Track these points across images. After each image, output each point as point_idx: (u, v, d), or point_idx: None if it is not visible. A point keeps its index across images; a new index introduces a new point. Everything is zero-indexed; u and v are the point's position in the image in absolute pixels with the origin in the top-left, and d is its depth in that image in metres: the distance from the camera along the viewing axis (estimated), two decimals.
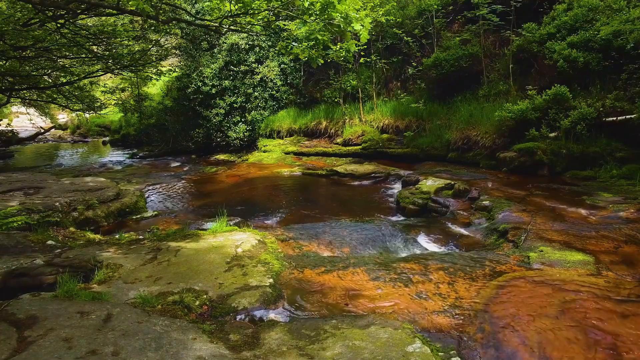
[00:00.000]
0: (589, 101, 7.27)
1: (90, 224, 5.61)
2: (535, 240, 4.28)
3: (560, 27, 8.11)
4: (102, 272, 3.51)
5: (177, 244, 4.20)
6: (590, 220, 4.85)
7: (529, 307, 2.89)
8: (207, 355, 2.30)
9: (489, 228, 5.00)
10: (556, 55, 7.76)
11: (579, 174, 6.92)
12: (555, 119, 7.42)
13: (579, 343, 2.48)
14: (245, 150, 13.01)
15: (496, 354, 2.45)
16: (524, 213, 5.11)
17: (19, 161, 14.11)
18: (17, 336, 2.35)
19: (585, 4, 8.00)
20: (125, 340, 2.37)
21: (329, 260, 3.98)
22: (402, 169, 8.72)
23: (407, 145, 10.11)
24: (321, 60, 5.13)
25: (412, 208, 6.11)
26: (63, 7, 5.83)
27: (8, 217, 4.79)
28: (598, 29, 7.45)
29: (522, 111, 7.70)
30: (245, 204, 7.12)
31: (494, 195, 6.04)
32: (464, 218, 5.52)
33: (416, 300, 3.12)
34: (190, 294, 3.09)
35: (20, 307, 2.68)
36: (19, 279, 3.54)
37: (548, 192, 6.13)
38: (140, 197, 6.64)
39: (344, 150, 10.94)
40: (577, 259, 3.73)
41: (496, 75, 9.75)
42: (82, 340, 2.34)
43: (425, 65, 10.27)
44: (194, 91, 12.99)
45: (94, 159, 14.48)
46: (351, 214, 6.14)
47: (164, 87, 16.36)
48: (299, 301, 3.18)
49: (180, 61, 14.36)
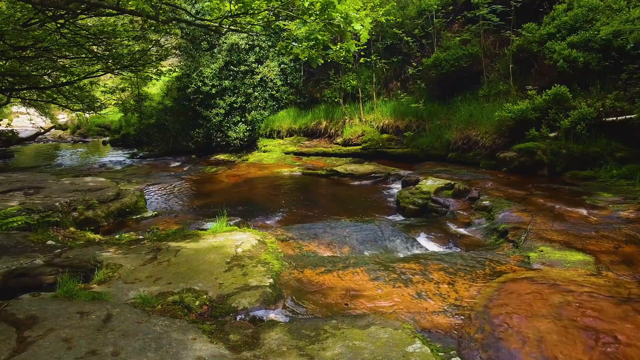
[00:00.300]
0: (589, 101, 7.26)
1: (90, 224, 5.61)
2: (535, 240, 4.28)
3: (560, 27, 8.11)
4: (102, 272, 3.50)
5: (177, 244, 4.20)
6: (590, 220, 4.85)
7: (529, 307, 2.88)
8: (207, 355, 2.30)
9: (489, 228, 4.99)
10: (556, 55, 7.76)
11: (579, 174, 6.91)
12: (555, 119, 7.42)
13: (578, 343, 2.47)
14: (245, 150, 13.01)
15: (496, 354, 2.45)
16: (524, 213, 5.11)
17: (19, 161, 14.11)
18: (16, 336, 2.35)
19: (585, 4, 8.00)
20: (125, 340, 2.37)
21: (329, 260, 3.97)
22: (402, 169, 8.72)
23: (407, 145, 10.11)
24: (321, 60, 5.13)
25: (412, 208, 6.11)
26: (63, 7, 5.83)
27: (8, 217, 4.79)
28: (598, 29, 7.45)
29: (522, 111, 7.70)
30: (245, 204, 7.12)
31: (493, 195, 6.04)
32: (464, 218, 5.52)
33: (416, 300, 3.12)
34: (190, 294, 3.09)
35: (20, 307, 2.68)
36: (19, 279, 3.54)
37: (548, 192, 6.13)
38: (140, 197, 6.64)
39: (344, 150, 10.94)
40: (577, 259, 3.73)
41: (496, 75, 9.75)
42: (81, 340, 2.34)
43: (425, 65, 10.27)
44: (194, 91, 12.99)
45: (94, 159, 14.48)
46: (351, 214, 6.14)
47: (164, 87, 16.37)
48: (299, 301, 3.18)
49: (180, 61, 14.35)
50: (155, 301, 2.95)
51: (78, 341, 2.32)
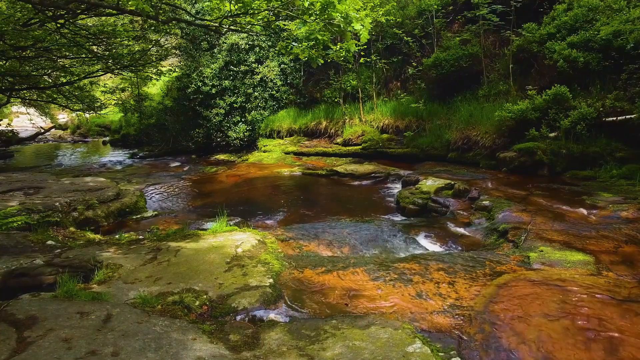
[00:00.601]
0: (589, 101, 7.26)
1: (90, 223, 5.61)
2: (535, 240, 4.28)
3: (560, 27, 8.11)
4: (102, 272, 3.50)
5: (177, 244, 4.20)
6: (590, 220, 4.85)
7: (529, 307, 2.88)
8: (207, 355, 2.30)
9: (489, 228, 4.99)
10: (556, 55, 7.75)
11: (578, 174, 6.91)
12: (555, 119, 7.41)
13: (578, 343, 2.47)
14: (245, 150, 13.01)
15: (496, 355, 2.45)
16: (524, 213, 5.10)
17: (19, 161, 14.11)
18: (16, 336, 2.35)
19: (585, 4, 8.00)
20: (125, 340, 2.37)
21: (328, 260, 3.97)
22: (402, 169, 8.72)
23: (407, 145, 10.11)
24: (321, 60, 5.13)
25: (412, 208, 6.10)
26: (63, 7, 5.83)
27: (8, 217, 4.79)
28: (598, 29, 7.45)
29: (522, 111, 7.70)
30: (245, 204, 7.12)
31: (494, 195, 6.03)
32: (464, 218, 5.51)
33: (416, 300, 3.12)
34: (190, 294, 3.09)
35: (20, 307, 2.68)
36: (18, 279, 3.54)
37: (548, 192, 6.12)
38: (140, 197, 6.64)
39: (344, 150, 10.94)
40: (577, 259, 3.73)
41: (496, 75, 9.74)
42: (81, 340, 2.33)
43: (425, 65, 10.27)
44: (194, 91, 12.99)
45: (94, 158, 14.48)
46: (351, 214, 6.14)
47: (164, 87, 16.36)
48: (299, 301, 3.17)
49: (180, 61, 14.35)
50: (155, 301, 2.95)
51: (78, 341, 2.32)
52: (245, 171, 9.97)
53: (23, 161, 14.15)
